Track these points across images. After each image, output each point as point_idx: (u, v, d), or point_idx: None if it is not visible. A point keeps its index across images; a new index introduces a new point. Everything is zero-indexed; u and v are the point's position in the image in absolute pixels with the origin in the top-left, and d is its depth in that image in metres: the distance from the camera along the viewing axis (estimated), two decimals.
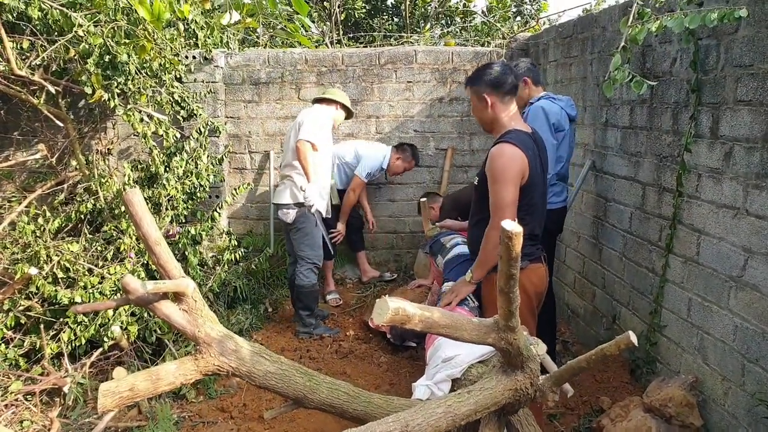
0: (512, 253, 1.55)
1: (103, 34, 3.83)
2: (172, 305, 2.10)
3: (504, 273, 1.61)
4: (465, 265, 3.04)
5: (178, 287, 2.05)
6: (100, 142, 4.96)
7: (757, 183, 2.39)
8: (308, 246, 4.17)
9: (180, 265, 2.37)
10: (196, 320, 2.02)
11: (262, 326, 4.44)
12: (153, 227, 2.17)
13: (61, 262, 3.79)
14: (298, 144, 3.99)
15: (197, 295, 2.20)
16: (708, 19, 2.18)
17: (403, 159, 4.97)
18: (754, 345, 2.41)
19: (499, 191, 2.45)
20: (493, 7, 7.13)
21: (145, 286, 1.98)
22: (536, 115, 3.26)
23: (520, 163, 2.44)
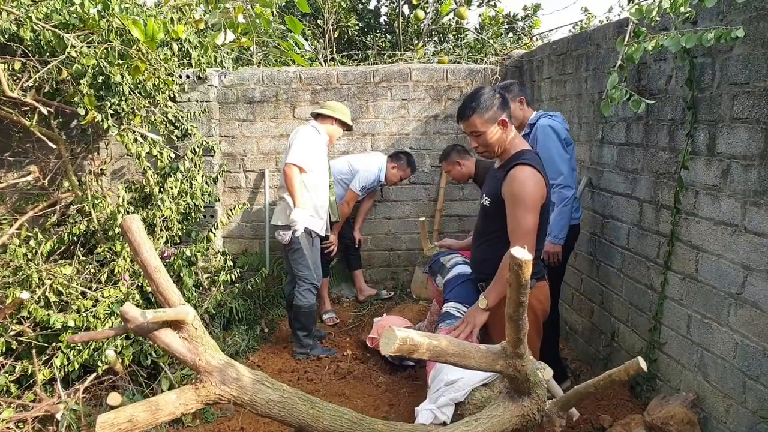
0: (522, 280, 1.53)
1: (96, 55, 3.82)
2: (172, 333, 2.06)
3: (513, 300, 1.59)
4: (466, 285, 3.01)
5: (178, 315, 2.02)
6: (93, 163, 4.92)
7: (755, 200, 2.39)
8: (306, 266, 4.14)
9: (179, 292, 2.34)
10: (197, 348, 1.99)
11: (259, 347, 4.39)
12: (152, 254, 2.14)
13: (53, 286, 3.74)
14: (285, 168, 3.98)
15: (197, 322, 2.17)
16: (705, 39, 2.20)
17: (398, 167, 4.95)
18: (754, 362, 2.40)
19: (523, 217, 2.39)
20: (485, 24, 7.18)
21: (145, 315, 1.95)
22: (547, 135, 3.31)
23: (542, 188, 2.43)
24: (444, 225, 5.39)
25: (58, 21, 3.83)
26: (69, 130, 4.83)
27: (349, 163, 4.89)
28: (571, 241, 3.55)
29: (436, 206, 5.35)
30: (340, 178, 4.88)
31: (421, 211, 5.40)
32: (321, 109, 4.31)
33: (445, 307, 3.03)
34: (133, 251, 2.20)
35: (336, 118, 4.25)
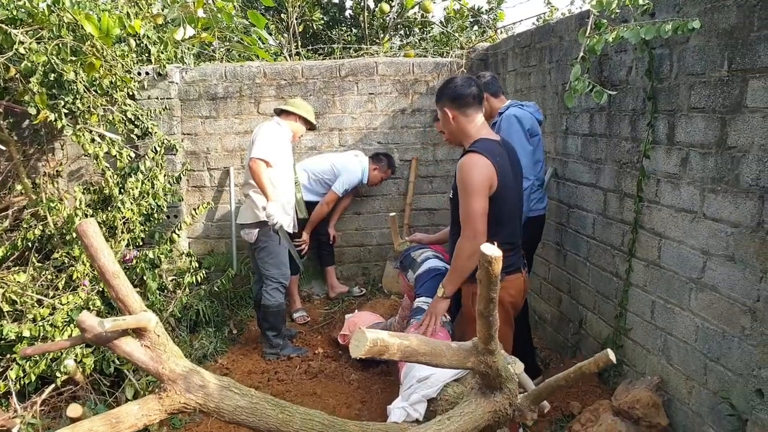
0: (492, 277, 1.52)
1: (47, 52, 3.67)
2: (133, 342, 2.00)
3: (483, 297, 1.59)
4: (437, 279, 3.01)
5: (139, 323, 1.96)
6: (48, 164, 4.74)
7: (712, 187, 2.44)
8: (273, 265, 4.08)
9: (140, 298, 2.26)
10: (160, 356, 1.93)
11: (228, 349, 4.32)
12: (110, 259, 2.07)
13: (6, 294, 3.58)
14: (251, 163, 3.90)
15: (160, 329, 2.11)
16: (663, 30, 2.23)
17: (379, 169, 4.97)
18: (714, 344, 2.46)
19: (468, 203, 2.47)
20: (450, 17, 7.18)
21: (102, 324, 1.88)
22: (510, 124, 3.30)
23: (487, 172, 2.46)
24: (414, 219, 5.39)
25: (4, 16, 3.67)
26: (21, 130, 4.64)
27: (332, 164, 4.85)
28: (537, 232, 3.58)
29: (405, 200, 5.34)
30: (322, 178, 4.85)
31: (391, 205, 5.38)
32: (284, 106, 4.26)
33: (417, 303, 3.02)
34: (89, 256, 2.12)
35: (299, 115, 4.19)
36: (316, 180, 4.86)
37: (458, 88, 2.59)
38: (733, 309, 2.34)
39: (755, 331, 2.21)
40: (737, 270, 2.31)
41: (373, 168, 4.95)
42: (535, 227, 3.50)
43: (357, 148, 5.21)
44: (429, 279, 3.10)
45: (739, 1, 2.22)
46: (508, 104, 3.48)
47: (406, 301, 3.57)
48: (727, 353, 2.38)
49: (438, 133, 5.21)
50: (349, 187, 4.88)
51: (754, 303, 2.22)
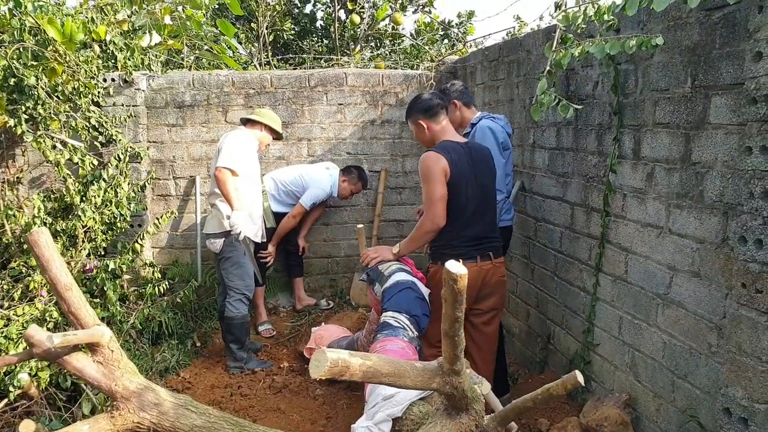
0: (457, 295, 1.49)
1: (6, 56, 3.56)
2: (84, 358, 1.91)
3: (449, 316, 1.55)
4: (405, 293, 2.96)
5: (92, 337, 1.87)
6: (8, 171, 4.59)
7: (678, 203, 2.46)
8: (237, 276, 4.00)
9: (94, 312, 2.17)
10: (113, 373, 1.85)
11: (190, 362, 4.20)
12: (63, 270, 1.99)
13: None
14: (216, 172, 3.83)
15: (114, 344, 2.02)
16: (627, 46, 2.25)
17: (348, 181, 4.91)
18: (682, 361, 2.46)
19: (427, 189, 2.91)
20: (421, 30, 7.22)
21: (51, 339, 1.79)
22: (485, 135, 3.35)
23: (440, 164, 2.87)
24: (383, 230, 5.35)
25: None
26: None
27: (301, 176, 4.79)
28: (504, 243, 3.56)
29: (374, 212, 5.31)
30: (290, 189, 4.78)
31: (360, 216, 5.33)
32: (250, 115, 4.21)
33: (384, 317, 2.95)
34: (41, 267, 2.04)
35: (265, 124, 4.14)
36: (285, 191, 4.79)
37: (427, 101, 3.06)
38: (699, 325, 2.35)
39: (722, 349, 2.21)
40: (703, 286, 2.32)
41: (342, 180, 4.90)
42: (503, 238, 3.51)
43: (326, 159, 5.16)
44: (396, 293, 3.04)
45: (701, 19, 2.26)
46: (480, 116, 3.51)
47: (373, 315, 3.51)
48: (695, 371, 2.38)
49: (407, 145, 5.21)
50: (317, 201, 4.82)
51: (720, 320, 2.23)
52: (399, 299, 2.95)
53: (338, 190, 4.89)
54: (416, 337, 2.83)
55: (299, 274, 5.17)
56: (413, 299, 2.94)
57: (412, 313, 2.86)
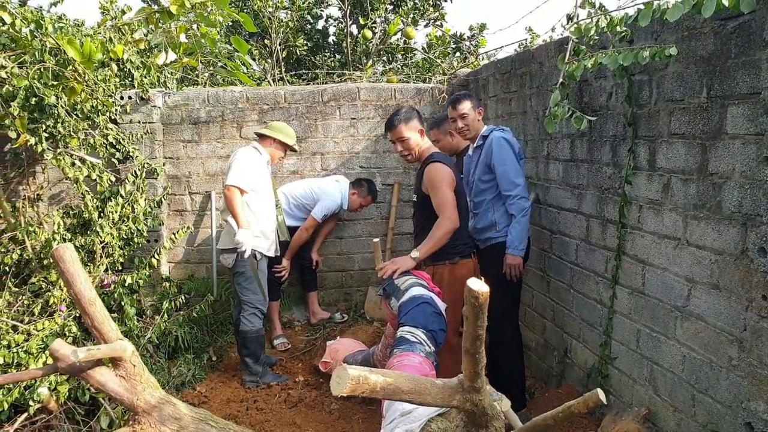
0: (478, 313, 1.48)
1: (28, 76, 3.64)
2: (107, 372, 1.93)
3: (470, 334, 1.54)
4: (421, 308, 2.94)
5: (114, 352, 1.89)
6: (29, 188, 4.67)
7: (695, 214, 2.43)
8: (251, 290, 4.02)
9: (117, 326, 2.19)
10: (135, 387, 1.86)
11: (206, 376, 4.22)
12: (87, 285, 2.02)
13: None
14: (225, 191, 3.90)
15: (136, 358, 2.03)
16: (641, 57, 2.24)
17: (358, 194, 4.93)
18: (702, 375, 2.42)
19: (441, 194, 3.23)
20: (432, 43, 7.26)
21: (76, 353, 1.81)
22: (503, 147, 3.42)
23: (450, 174, 3.28)
24: (397, 243, 5.35)
25: None
26: (2, 154, 4.59)
27: (311, 189, 4.83)
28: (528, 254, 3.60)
29: (388, 225, 5.31)
30: (301, 203, 4.82)
31: (374, 230, 5.34)
32: (262, 130, 4.25)
33: (400, 332, 2.91)
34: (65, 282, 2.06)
35: (276, 138, 4.17)
36: (296, 205, 4.82)
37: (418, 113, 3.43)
38: (719, 338, 2.31)
39: (743, 362, 2.17)
40: (723, 298, 2.29)
41: (352, 192, 4.92)
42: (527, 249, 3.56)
43: (339, 173, 5.19)
44: (413, 307, 3.01)
45: (715, 29, 2.25)
46: (490, 128, 3.55)
47: (389, 330, 3.49)
48: (715, 384, 2.34)
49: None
50: (329, 213, 4.83)
51: (741, 333, 2.19)
52: (416, 314, 2.92)
53: (348, 202, 4.91)
54: (433, 352, 2.80)
55: (313, 288, 5.18)
56: (430, 314, 2.92)
57: (429, 328, 2.83)
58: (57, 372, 2.01)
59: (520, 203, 3.37)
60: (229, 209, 3.90)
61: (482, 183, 3.51)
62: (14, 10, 3.65)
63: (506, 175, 3.38)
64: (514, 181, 3.37)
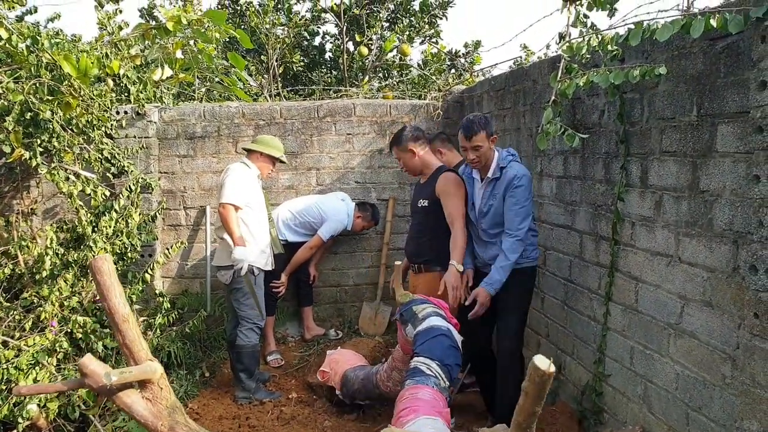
0: (542, 393, 1.48)
1: (24, 91, 3.64)
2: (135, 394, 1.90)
3: (525, 410, 1.53)
4: (439, 340, 2.88)
5: (145, 374, 1.87)
6: (22, 202, 4.66)
7: (687, 231, 2.44)
8: (248, 306, 4.01)
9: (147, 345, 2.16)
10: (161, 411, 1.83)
11: (199, 393, 4.17)
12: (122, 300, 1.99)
13: None
14: (220, 209, 3.91)
15: (164, 381, 2.01)
16: (631, 76, 2.26)
17: (363, 218, 4.96)
18: (696, 393, 2.42)
19: (456, 204, 3.43)
20: (428, 60, 7.31)
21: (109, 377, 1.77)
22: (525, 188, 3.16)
23: (463, 185, 3.47)
24: (391, 258, 5.33)
25: None
26: None
27: (318, 207, 4.82)
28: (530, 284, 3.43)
29: (383, 240, 5.31)
30: (307, 221, 4.81)
31: (368, 245, 5.34)
32: (249, 145, 4.27)
33: (415, 362, 2.85)
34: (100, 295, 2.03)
35: (263, 152, 4.16)
36: (301, 222, 4.80)
37: (415, 131, 3.67)
38: (713, 356, 2.31)
39: (736, 380, 2.16)
40: (715, 316, 2.29)
41: (357, 216, 4.94)
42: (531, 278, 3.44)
43: (335, 188, 5.19)
44: (430, 338, 2.93)
45: (705, 49, 2.27)
46: (507, 158, 3.24)
47: (398, 353, 3.41)
48: (709, 403, 2.33)
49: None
50: (335, 233, 4.86)
51: (733, 350, 2.19)
52: (432, 346, 2.87)
53: (352, 224, 4.92)
54: (447, 387, 2.76)
55: (309, 303, 5.15)
56: (447, 347, 2.87)
57: (444, 362, 2.80)
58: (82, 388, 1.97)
59: (517, 244, 3.14)
60: (225, 227, 3.91)
61: (499, 217, 3.25)
62: (11, 25, 3.66)
63: (515, 215, 3.14)
64: (519, 225, 3.14)
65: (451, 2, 7.61)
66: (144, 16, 7.88)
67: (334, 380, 3.82)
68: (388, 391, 3.44)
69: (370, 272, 5.36)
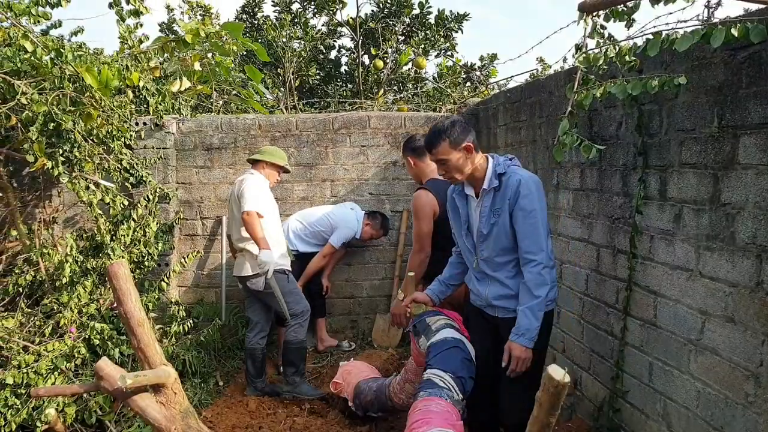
0: (557, 403, 1.46)
1: (47, 102, 3.72)
2: (149, 398, 1.92)
3: (540, 421, 1.52)
4: (452, 352, 2.85)
5: (159, 378, 1.89)
6: (45, 211, 4.75)
7: (707, 244, 2.40)
8: (293, 302, 4.15)
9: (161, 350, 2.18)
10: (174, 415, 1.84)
11: (213, 401, 4.17)
12: (137, 305, 2.02)
13: None
14: (245, 216, 3.96)
15: (177, 386, 2.02)
16: (649, 86, 2.24)
17: (372, 226, 4.97)
18: (717, 411, 2.36)
19: (417, 225, 3.52)
20: (443, 73, 7.33)
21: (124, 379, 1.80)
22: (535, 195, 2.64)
23: (431, 203, 3.45)
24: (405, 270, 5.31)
25: (9, 68, 3.74)
26: (21, 177, 4.68)
27: (328, 217, 4.86)
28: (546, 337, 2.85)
29: (396, 252, 5.29)
30: (318, 230, 4.84)
31: (382, 256, 5.33)
32: (254, 155, 4.35)
33: (428, 374, 2.83)
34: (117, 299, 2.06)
35: (268, 161, 4.25)
36: (312, 232, 4.84)
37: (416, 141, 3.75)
38: (735, 373, 2.25)
39: (759, 398, 2.11)
40: (738, 332, 2.24)
41: (366, 223, 4.95)
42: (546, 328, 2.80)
43: (349, 199, 5.21)
44: (443, 350, 2.89)
45: (725, 59, 2.25)
46: (505, 162, 2.74)
47: (411, 365, 3.38)
48: (731, 422, 2.27)
49: None
50: (346, 241, 4.88)
51: (757, 368, 2.13)
52: (446, 358, 2.84)
53: (361, 232, 4.93)
54: (461, 400, 2.73)
55: (322, 314, 5.15)
56: (461, 360, 2.84)
57: (458, 374, 2.76)
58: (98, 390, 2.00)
59: (545, 272, 2.58)
60: (251, 233, 3.97)
61: (506, 239, 2.68)
62: (36, 39, 3.75)
63: (535, 233, 2.59)
64: (540, 243, 2.59)
65: (466, 16, 7.65)
66: (164, 30, 8.02)
67: (347, 391, 3.80)
68: (401, 403, 3.41)
69: (383, 284, 5.35)
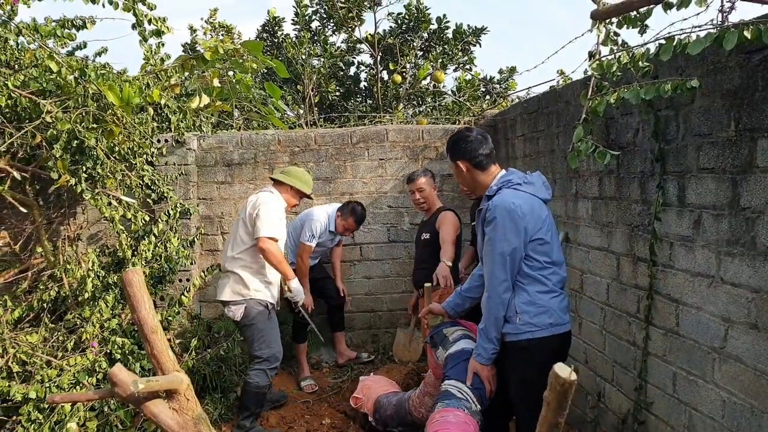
0: (564, 403, 1.45)
1: (71, 120, 3.82)
2: (162, 404, 1.94)
3: (548, 420, 1.50)
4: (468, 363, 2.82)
5: (171, 384, 1.91)
6: (69, 228, 4.85)
7: (728, 250, 2.35)
8: (264, 343, 3.78)
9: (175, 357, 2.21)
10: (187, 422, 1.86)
11: (232, 417, 4.18)
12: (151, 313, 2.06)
13: (17, 355, 3.58)
14: (262, 244, 3.71)
15: (190, 392, 2.04)
16: (662, 90, 2.22)
17: (341, 217, 4.70)
18: (743, 421, 2.29)
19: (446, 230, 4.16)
20: (462, 87, 7.35)
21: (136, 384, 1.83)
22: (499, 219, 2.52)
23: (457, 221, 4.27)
24: None
25: (35, 88, 3.86)
26: (46, 195, 4.78)
27: (299, 218, 4.78)
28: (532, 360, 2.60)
29: None
30: (297, 235, 4.69)
31: (401, 269, 5.32)
32: (279, 176, 4.06)
33: (445, 386, 2.80)
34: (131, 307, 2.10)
35: (293, 186, 4.02)
36: (294, 241, 4.70)
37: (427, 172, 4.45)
38: (760, 382, 2.19)
39: None
40: (762, 339, 2.18)
41: (336, 215, 4.73)
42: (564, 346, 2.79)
43: (368, 212, 5.20)
44: (461, 361, 2.86)
45: (741, 62, 2.22)
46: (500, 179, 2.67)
47: (429, 377, 3.36)
48: (758, 431, 2.21)
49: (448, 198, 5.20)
50: (316, 233, 4.62)
51: None
52: (462, 368, 2.81)
53: (335, 224, 4.74)
54: (479, 411, 2.70)
55: (341, 328, 5.14)
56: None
57: (476, 386, 2.73)
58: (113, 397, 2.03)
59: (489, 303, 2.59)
60: (273, 262, 3.77)
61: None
62: (61, 59, 3.86)
63: (489, 262, 2.55)
64: (493, 278, 2.54)
65: (484, 30, 7.67)
66: (187, 50, 8.21)
67: (367, 406, 3.78)
68: (421, 417, 3.37)
69: (404, 298, 5.33)
